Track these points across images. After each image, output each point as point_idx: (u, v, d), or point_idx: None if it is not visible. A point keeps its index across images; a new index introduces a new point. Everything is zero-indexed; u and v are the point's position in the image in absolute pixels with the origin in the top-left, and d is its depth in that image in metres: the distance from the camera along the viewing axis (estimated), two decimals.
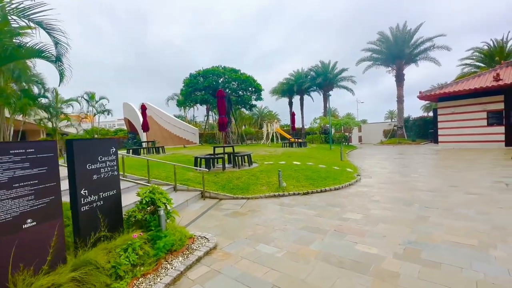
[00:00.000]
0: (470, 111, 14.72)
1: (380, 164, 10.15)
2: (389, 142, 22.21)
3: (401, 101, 22.59)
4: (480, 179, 6.25)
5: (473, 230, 3.30)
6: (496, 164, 8.34)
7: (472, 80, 15.35)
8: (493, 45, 23.86)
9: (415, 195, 5.14)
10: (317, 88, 30.38)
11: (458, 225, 3.48)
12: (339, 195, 5.52)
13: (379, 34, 21.98)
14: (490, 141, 13.95)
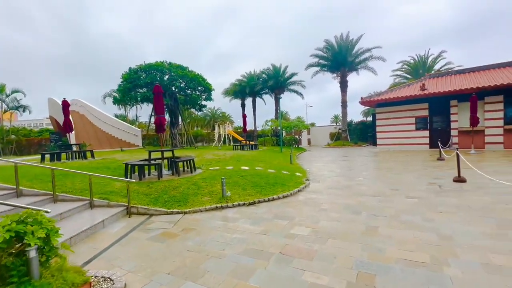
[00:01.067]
0: (402, 116, 16.31)
1: (327, 167, 10.25)
2: (335, 144, 23.48)
3: (345, 106, 24.15)
4: (417, 181, 6.54)
5: (422, 242, 3.08)
6: (426, 165, 9.08)
7: (403, 89, 17.09)
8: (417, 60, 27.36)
9: (362, 201, 4.98)
10: (269, 91, 30.67)
11: (407, 237, 3.25)
12: (288, 204, 5.06)
13: (325, 41, 23.15)
14: (418, 144, 15.66)
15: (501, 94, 13.21)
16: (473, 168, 6.38)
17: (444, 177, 6.84)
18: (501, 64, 15.51)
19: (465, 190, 5.37)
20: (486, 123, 13.60)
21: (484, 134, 13.67)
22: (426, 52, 26.96)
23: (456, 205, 4.40)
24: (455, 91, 13.70)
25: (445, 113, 14.93)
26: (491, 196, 4.81)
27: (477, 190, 5.32)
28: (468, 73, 16.37)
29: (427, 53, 26.95)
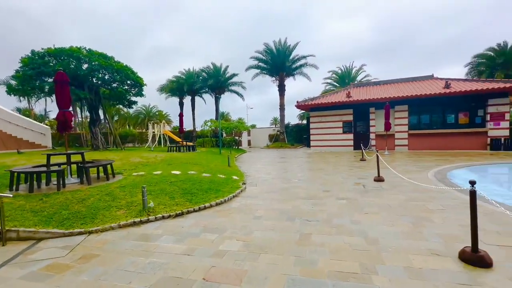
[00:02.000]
0: (332, 120, 17.82)
1: (265, 169, 10.21)
2: (273, 145, 24.20)
3: (282, 109, 25.17)
4: (345, 182, 6.93)
5: (352, 248, 3.02)
6: (351, 166, 9.90)
7: (332, 96, 18.72)
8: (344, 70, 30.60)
9: (297, 205, 4.89)
10: (209, 90, 29.72)
11: (338, 244, 3.17)
12: (221, 213, 4.58)
13: (264, 45, 23.69)
14: (345, 146, 17.34)
15: (406, 104, 15.68)
16: (389, 168, 7.13)
17: (367, 177, 7.47)
18: (407, 79, 18.52)
19: (384, 189, 5.87)
20: (396, 128, 15.95)
21: (394, 137, 16.00)
22: (351, 65, 30.51)
23: (378, 205, 4.68)
24: (373, 100, 15.64)
25: (365, 118, 16.92)
26: (404, 195, 5.34)
27: (393, 189, 5.88)
28: (382, 85, 18.99)
29: (351, 65, 30.51)
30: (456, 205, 4.51)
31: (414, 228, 3.55)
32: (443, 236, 3.25)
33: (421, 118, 15.73)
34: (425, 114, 15.64)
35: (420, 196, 5.18)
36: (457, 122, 14.92)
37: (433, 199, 4.91)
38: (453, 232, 3.37)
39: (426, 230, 3.47)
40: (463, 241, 3.07)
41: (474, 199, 2.59)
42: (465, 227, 3.51)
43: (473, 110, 14.57)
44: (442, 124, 15.21)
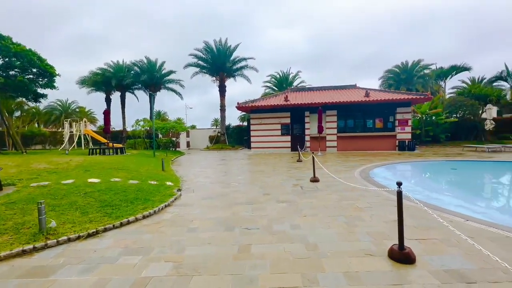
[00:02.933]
0: (271, 122, 18.35)
1: (204, 172, 9.65)
2: (214, 147, 23.56)
3: (223, 110, 24.78)
4: (284, 183, 7.00)
5: (293, 257, 2.88)
6: (290, 167, 10.23)
7: (272, 99, 19.31)
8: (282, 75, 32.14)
9: (236, 212, 4.59)
10: (142, 86, 27.09)
11: (279, 253, 2.98)
12: (148, 227, 3.92)
13: (204, 43, 22.92)
14: (283, 147, 18.07)
15: (335, 109, 17.31)
16: (323, 168, 7.54)
17: (304, 177, 7.75)
18: (336, 87, 20.53)
19: (320, 190, 6.11)
20: (327, 131, 17.44)
21: (326, 139, 17.48)
22: (288, 70, 32.30)
23: (315, 207, 4.78)
24: (308, 104, 16.75)
25: (301, 121, 17.99)
26: (337, 194, 5.65)
27: (328, 189, 6.18)
28: (316, 91, 20.59)
29: (288, 71, 32.32)
30: (380, 202, 4.95)
31: (348, 228, 3.67)
32: (373, 235, 3.42)
33: (347, 122, 17.61)
34: (350, 119, 17.58)
35: (350, 195, 5.55)
36: (374, 127, 17.25)
37: (361, 197, 5.31)
38: (380, 230, 3.60)
39: (358, 229, 3.62)
40: (389, 238, 3.28)
41: (400, 199, 2.75)
42: (389, 223, 3.82)
43: (386, 116, 17.10)
44: (363, 128, 17.37)
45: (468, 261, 2.69)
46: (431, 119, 20.82)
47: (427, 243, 3.14)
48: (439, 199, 5.75)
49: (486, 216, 4.46)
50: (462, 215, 4.08)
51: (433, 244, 3.11)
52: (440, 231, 3.46)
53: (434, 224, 3.66)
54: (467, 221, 3.84)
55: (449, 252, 2.89)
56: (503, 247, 3.00)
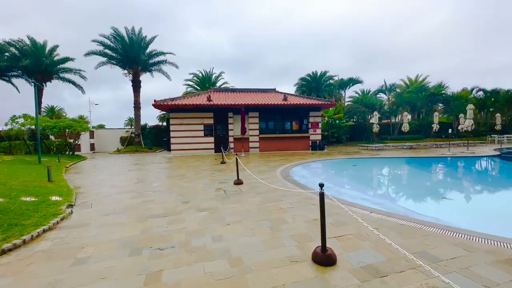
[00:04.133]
0: (193, 123, 17.40)
1: (111, 180, 8.09)
2: (126, 150, 20.65)
3: (138, 108, 22.07)
4: (206, 188, 6.50)
5: (214, 279, 2.46)
6: (213, 170, 9.76)
7: (194, 98, 18.34)
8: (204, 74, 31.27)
9: (148, 228, 3.83)
10: (24, 74, 21.25)
11: (198, 277, 2.51)
12: (12, 266, 2.75)
13: (113, 29, 19.77)
14: (206, 149, 17.40)
15: (257, 111, 17.87)
16: (246, 170, 7.41)
17: (228, 180, 7.44)
18: (258, 90, 21.26)
19: (243, 193, 5.90)
20: (250, 132, 17.80)
21: (249, 140, 17.81)
22: (211, 70, 31.67)
23: (239, 212, 4.50)
24: (232, 105, 16.67)
25: (225, 122, 17.76)
26: (261, 196, 5.56)
27: (251, 191, 6.04)
28: (239, 92, 20.79)
29: (211, 71, 31.70)
30: (300, 201, 5.10)
31: (273, 234, 3.52)
32: (297, 237, 3.37)
33: (268, 124, 18.46)
34: (271, 121, 18.50)
35: (273, 196, 5.55)
36: (292, 129, 18.70)
37: (284, 197, 5.37)
38: (303, 231, 3.59)
39: (282, 233, 3.52)
40: (312, 239, 3.28)
41: (323, 201, 2.72)
42: (310, 223, 3.88)
43: (301, 119, 18.80)
44: (282, 129, 18.58)
45: (378, 253, 2.89)
46: (335, 123, 24.20)
47: (344, 239, 3.28)
48: (347, 194, 6.44)
49: (383, 206, 5.18)
50: (367, 208, 4.59)
51: (349, 240, 3.26)
52: (353, 226, 3.71)
53: (347, 220, 3.93)
54: (371, 213, 4.31)
55: (362, 247, 3.06)
56: (400, 235, 3.41)
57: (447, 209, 5.70)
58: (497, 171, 11.31)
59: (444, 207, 5.82)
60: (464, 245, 3.06)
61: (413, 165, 12.34)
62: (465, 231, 3.48)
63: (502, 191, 7.80)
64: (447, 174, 10.67)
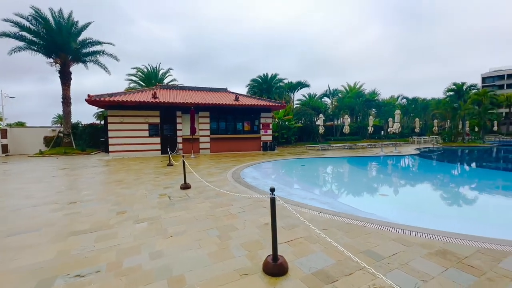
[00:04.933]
0: (136, 122, 15.84)
1: (26, 189, 6.66)
2: (52, 152, 17.66)
3: (68, 103, 19.11)
4: (149, 195, 5.82)
5: None
6: (158, 173, 8.93)
7: (137, 94, 16.73)
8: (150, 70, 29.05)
9: (68, 249, 3.13)
10: None
11: None
12: None
13: (34, 9, 16.64)
14: (151, 150, 16.03)
15: (208, 111, 17.26)
16: (194, 173, 6.93)
17: (173, 185, 6.84)
18: (209, 89, 20.58)
19: (191, 198, 5.44)
20: (200, 133, 17.08)
21: (199, 141, 17.07)
22: (158, 66, 29.56)
23: (185, 221, 4.07)
24: (180, 104, 15.71)
25: (173, 122, 16.66)
26: (210, 201, 5.19)
27: (200, 196, 5.62)
28: (188, 91, 19.80)
29: (158, 67, 29.59)
30: (251, 204, 4.92)
31: (221, 243, 3.22)
32: (248, 246, 3.14)
33: (219, 124, 18.00)
34: (222, 121, 18.09)
35: (223, 200, 5.24)
36: (243, 129, 18.61)
37: (234, 201, 5.12)
38: (254, 238, 3.39)
39: (232, 242, 3.25)
40: (263, 247, 3.10)
41: (274, 207, 2.55)
42: (261, 228, 3.71)
43: (253, 120, 18.87)
44: (234, 130, 18.34)
45: (328, 256, 2.86)
46: (285, 124, 25.07)
47: (295, 244, 3.18)
48: (297, 194, 6.53)
49: (331, 205, 5.36)
50: (316, 208, 4.65)
51: (300, 244, 3.18)
52: (303, 228, 3.67)
53: (297, 222, 3.88)
54: (320, 213, 4.37)
55: (313, 250, 3.00)
56: (347, 234, 3.49)
57: (384, 205, 6.24)
58: (417, 167, 13.13)
59: (381, 203, 6.36)
60: (402, 240, 3.26)
61: (354, 164, 13.46)
62: (401, 225, 3.76)
63: (424, 185, 9.00)
64: (381, 172, 11.91)
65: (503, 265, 2.64)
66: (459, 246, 3.08)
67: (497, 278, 2.42)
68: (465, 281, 2.37)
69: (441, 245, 3.12)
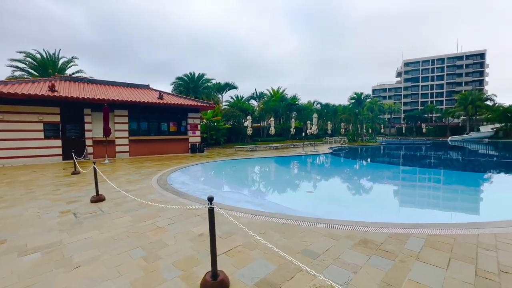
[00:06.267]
0: (26, 120, 12.51)
1: None
2: None
3: None
4: (44, 214, 4.55)
5: None
6: (59, 184, 7.21)
7: (26, 85, 13.25)
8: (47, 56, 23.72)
9: None
10: None
11: None
12: None
13: None
14: (49, 155, 12.93)
15: (126, 109, 15.22)
16: (109, 182, 5.86)
17: (81, 198, 5.60)
18: (127, 84, 18.18)
19: (105, 213, 4.54)
20: (116, 134, 14.88)
21: (115, 144, 14.85)
22: (57, 52, 24.35)
23: (97, 243, 3.31)
24: (90, 99, 13.28)
25: (79, 121, 13.94)
26: (131, 214, 4.44)
27: (118, 209, 4.76)
28: (100, 85, 16.99)
29: (58, 53, 24.38)
30: (182, 214, 4.46)
31: (149, 266, 2.72)
32: (181, 264, 2.75)
33: (140, 125, 16.12)
34: (144, 121, 16.28)
35: (148, 212, 4.58)
36: (169, 130, 17.24)
37: (162, 212, 4.53)
38: (188, 253, 3.01)
39: (162, 263, 2.79)
40: (200, 262, 2.78)
41: (213, 218, 2.28)
42: (195, 241, 3.36)
43: (179, 120, 17.72)
44: (158, 131, 16.77)
45: (268, 262, 2.78)
46: (214, 125, 24.67)
47: (234, 253, 2.98)
48: (231, 198, 6.36)
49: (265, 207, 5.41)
50: (252, 211, 4.58)
51: (239, 253, 3.00)
52: (241, 234, 3.51)
53: (234, 228, 3.70)
54: (256, 216, 4.32)
55: (253, 258, 2.87)
56: (284, 235, 3.52)
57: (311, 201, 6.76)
58: (334, 164, 15.03)
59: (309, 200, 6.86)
60: (331, 235, 3.50)
61: (281, 164, 14.30)
62: (329, 220, 4.07)
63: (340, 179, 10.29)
64: (305, 170, 13.04)
65: (407, 246, 3.14)
66: (375, 234, 3.52)
67: (406, 259, 2.84)
68: (385, 266, 2.68)
69: (362, 235, 3.49)
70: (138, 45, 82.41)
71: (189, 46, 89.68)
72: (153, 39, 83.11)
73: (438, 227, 3.73)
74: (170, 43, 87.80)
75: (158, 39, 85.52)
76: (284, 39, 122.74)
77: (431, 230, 3.60)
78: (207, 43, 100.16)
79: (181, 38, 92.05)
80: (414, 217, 5.45)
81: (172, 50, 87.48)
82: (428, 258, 2.84)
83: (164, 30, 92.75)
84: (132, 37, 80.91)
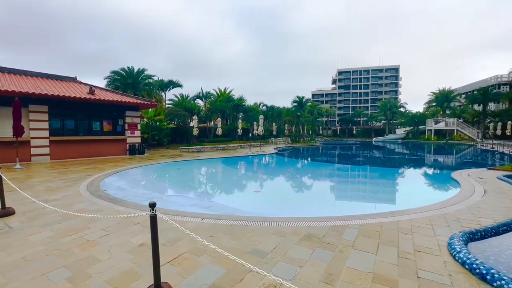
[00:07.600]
0: None
1: None
2: None
3: None
4: None
5: None
6: None
7: None
8: None
9: None
10: None
11: None
12: None
13: None
14: None
15: (46, 105, 12.93)
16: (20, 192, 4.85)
17: None
18: (47, 75, 15.47)
19: (15, 230, 3.73)
20: (32, 134, 12.51)
21: (31, 145, 12.46)
22: None
23: (2, 268, 2.67)
24: None
25: None
26: (51, 229, 3.75)
27: (32, 224, 3.97)
28: (8, 74, 14.05)
29: None
30: (118, 223, 3.98)
31: None
32: (117, 281, 2.43)
33: (65, 123, 13.89)
34: (70, 119, 14.09)
35: (74, 224, 3.94)
36: (102, 130, 15.33)
37: (92, 223, 3.96)
38: (126, 266, 2.68)
39: (92, 282, 2.41)
40: (140, 275, 2.50)
41: (155, 226, 2.08)
42: (135, 252, 3.03)
43: (115, 119, 15.93)
44: (89, 130, 14.74)
45: (218, 266, 2.68)
46: (156, 125, 23.03)
47: (180, 262, 2.79)
48: (176, 202, 5.99)
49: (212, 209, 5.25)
50: (199, 215, 4.39)
51: (185, 261, 2.81)
52: (187, 240, 3.31)
53: (180, 234, 3.47)
54: (203, 219, 4.15)
55: (201, 264, 2.73)
56: (233, 237, 3.46)
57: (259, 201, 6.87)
58: (278, 163, 15.69)
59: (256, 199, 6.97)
60: (279, 232, 3.61)
61: (228, 165, 14.21)
62: (276, 218, 4.18)
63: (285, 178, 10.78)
64: (252, 170, 13.24)
65: (345, 237, 3.45)
66: (318, 228, 3.76)
67: (344, 248, 3.11)
68: (327, 257, 2.88)
69: (306, 230, 3.69)
70: (64, 31, 69.97)
71: (128, 39, 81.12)
72: (82, 25, 71.42)
73: (368, 217, 4.22)
74: (105, 32, 77.52)
75: (89, 26, 74.45)
76: (231, 40, 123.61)
77: (363, 220, 4.05)
78: (149, 38, 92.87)
79: (117, 28, 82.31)
80: (349, 209, 6.07)
81: (107, 40, 77.60)
82: (361, 245, 3.17)
83: (98, 16, 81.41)
84: (56, 21, 68.01)
